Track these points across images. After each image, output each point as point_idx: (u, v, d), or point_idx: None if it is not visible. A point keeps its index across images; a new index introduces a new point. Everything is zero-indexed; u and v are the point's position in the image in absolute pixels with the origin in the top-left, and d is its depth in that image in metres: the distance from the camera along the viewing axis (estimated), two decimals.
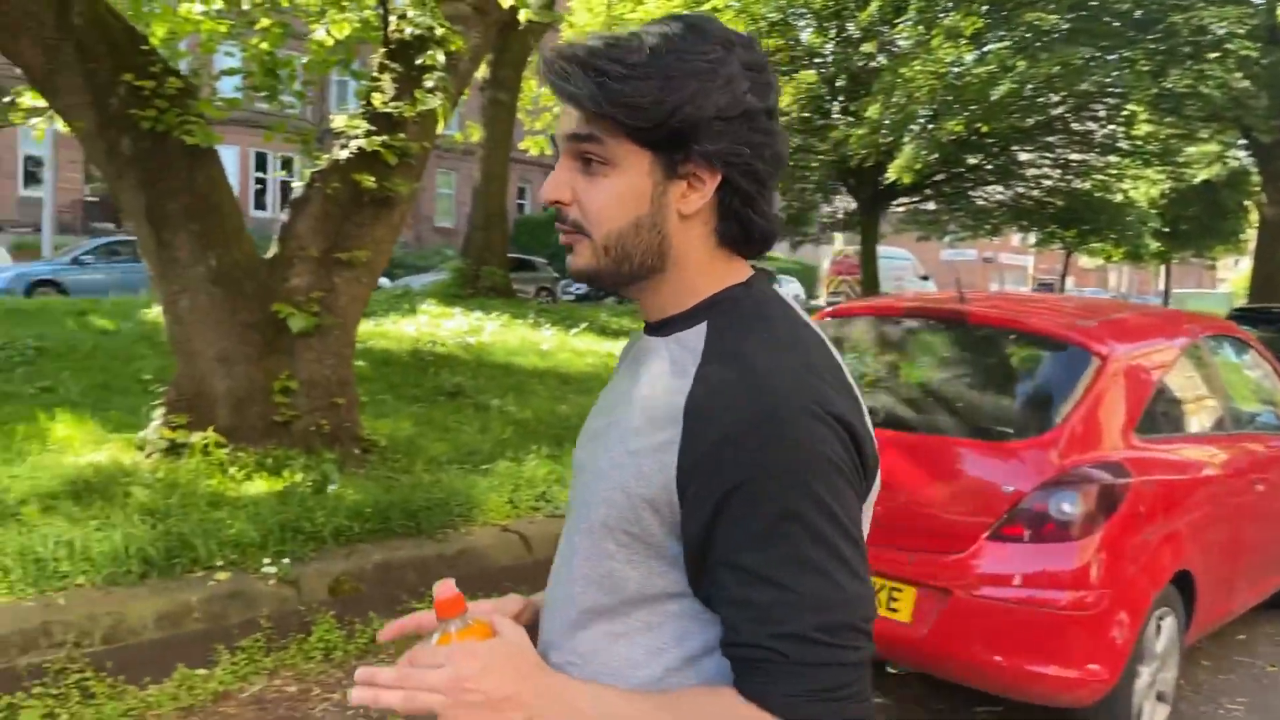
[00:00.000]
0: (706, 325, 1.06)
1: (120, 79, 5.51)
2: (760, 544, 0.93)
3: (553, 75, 1.02)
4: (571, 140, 1.04)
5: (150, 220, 5.65)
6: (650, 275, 1.08)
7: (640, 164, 1.03)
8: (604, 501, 1.03)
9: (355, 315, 6.13)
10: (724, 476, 0.94)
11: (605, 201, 1.04)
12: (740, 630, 0.94)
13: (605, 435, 1.09)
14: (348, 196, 5.98)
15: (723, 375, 0.99)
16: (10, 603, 3.34)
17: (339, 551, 4.07)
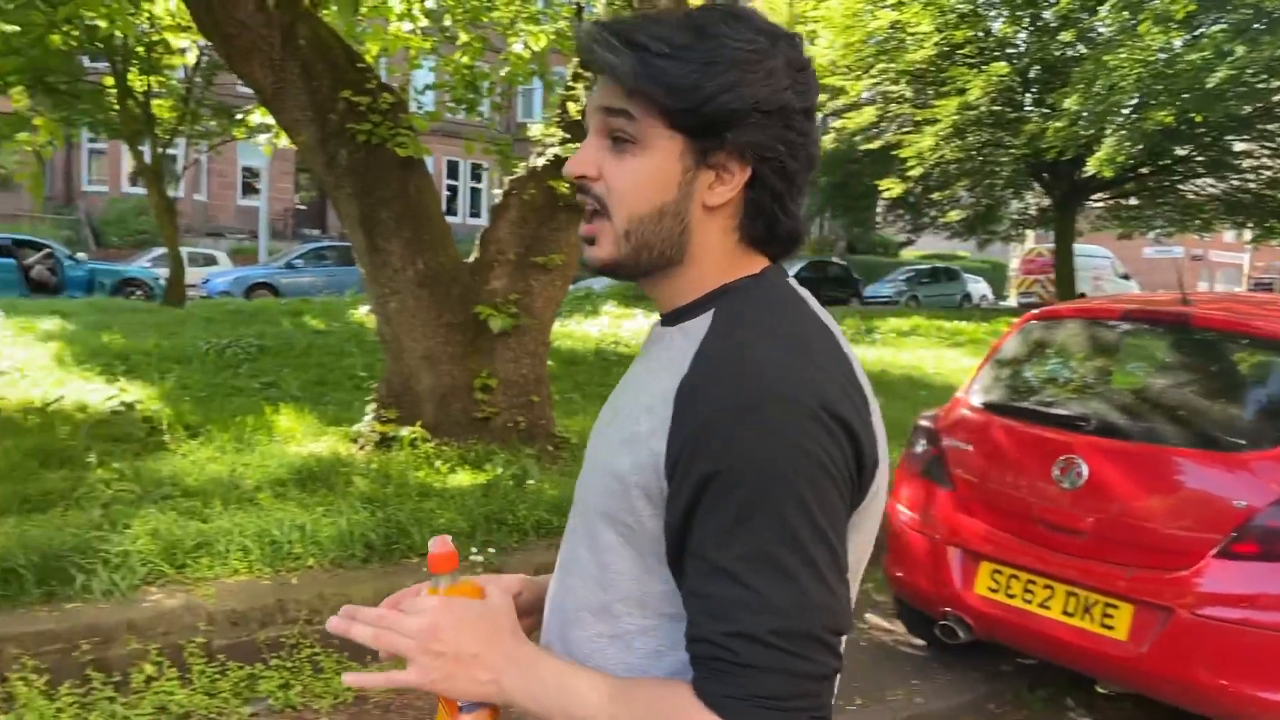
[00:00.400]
0: (713, 313, 1.03)
1: (339, 95, 5.89)
2: (727, 537, 0.89)
3: (594, 44, 0.98)
4: (604, 114, 1.01)
5: (364, 227, 6.02)
6: (667, 267, 1.05)
7: (671, 148, 1.00)
8: (604, 490, 1.02)
9: (550, 316, 6.34)
10: (704, 462, 0.91)
11: (633, 182, 1.00)
12: (697, 624, 0.91)
13: (609, 425, 1.07)
14: (543, 202, 6.19)
15: (716, 361, 0.97)
16: (249, 580, 3.64)
17: (540, 543, 4.23)
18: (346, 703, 3.39)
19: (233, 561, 3.67)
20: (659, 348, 1.06)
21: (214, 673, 3.29)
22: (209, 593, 3.48)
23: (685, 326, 1.04)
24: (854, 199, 29.34)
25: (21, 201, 28.66)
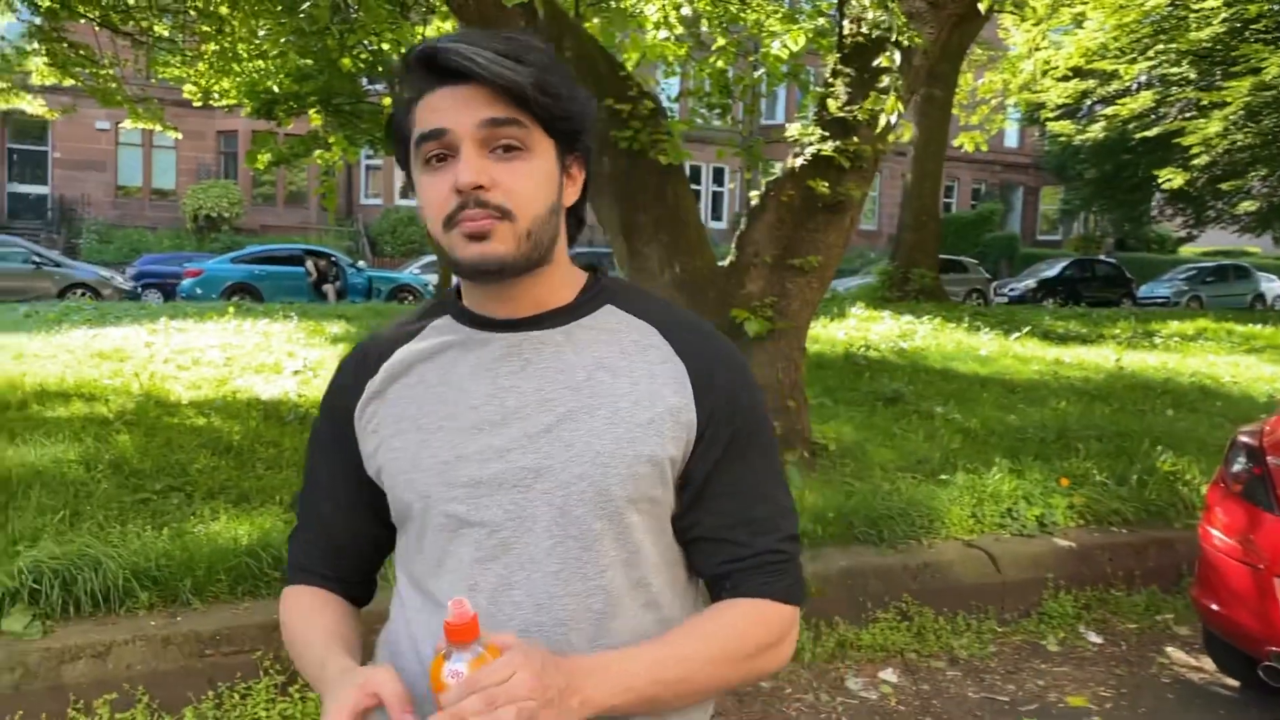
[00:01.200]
0: (612, 306, 1.16)
1: (601, 104, 6.02)
2: (757, 474, 1.13)
3: (486, 61, 1.03)
4: (489, 125, 1.05)
5: (624, 233, 6.12)
6: (540, 265, 1.10)
7: (550, 152, 1.09)
8: (626, 478, 1.07)
9: (806, 320, 6.22)
10: (732, 420, 1.12)
11: (533, 184, 1.07)
12: (752, 544, 1.11)
13: (575, 425, 1.08)
14: (801, 203, 6.07)
15: (700, 345, 1.15)
16: None
17: (805, 553, 4.11)
18: None
19: None
20: (578, 345, 1.12)
21: None
22: None
23: (591, 322, 1.14)
24: (1126, 192, 27.19)
25: (309, 215, 31.63)
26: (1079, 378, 9.93)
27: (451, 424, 1.10)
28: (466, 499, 1.08)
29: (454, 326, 1.17)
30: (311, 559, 1.22)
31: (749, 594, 1.11)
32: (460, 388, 1.12)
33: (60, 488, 4.42)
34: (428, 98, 1.07)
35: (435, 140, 1.06)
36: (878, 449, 6.19)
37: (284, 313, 13.15)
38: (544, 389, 1.10)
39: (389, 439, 1.13)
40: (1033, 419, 7.18)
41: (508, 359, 1.12)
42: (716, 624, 1.09)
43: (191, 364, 9.14)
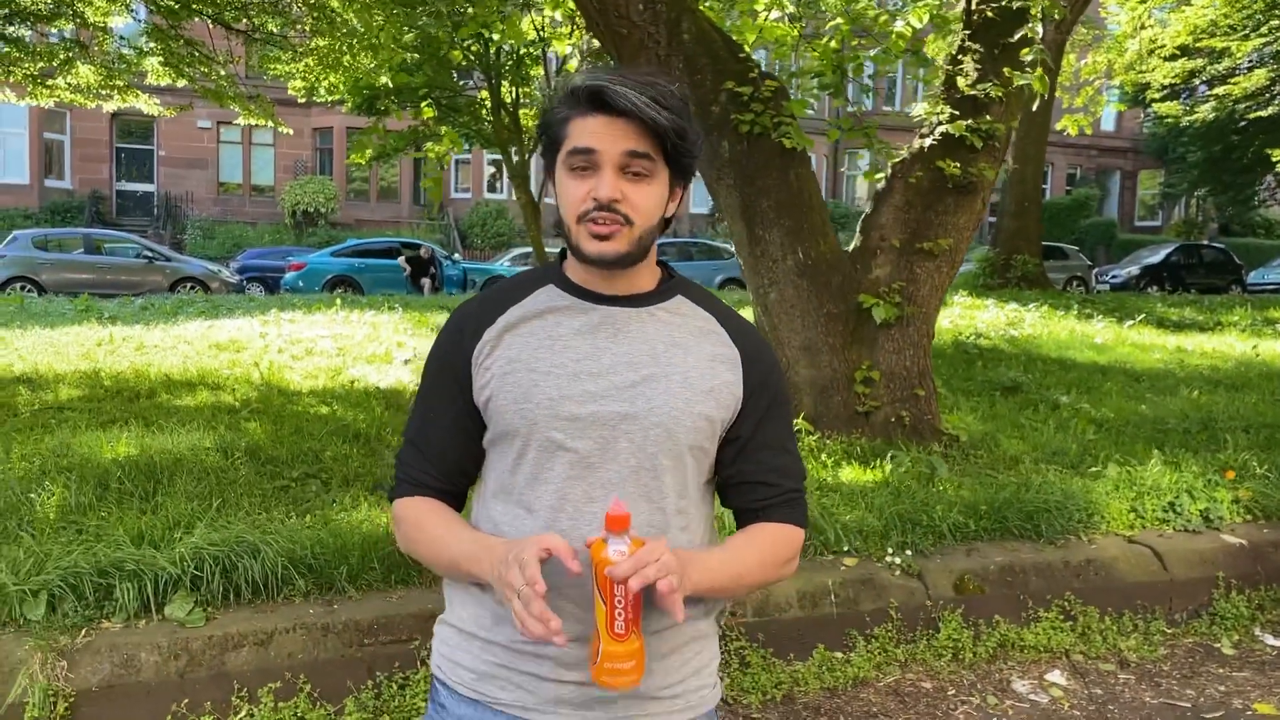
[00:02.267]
0: (682, 297, 1.47)
1: (721, 87, 5.89)
2: (785, 431, 1.48)
3: (640, 103, 1.29)
4: (627, 155, 1.32)
5: (744, 217, 5.98)
6: (639, 260, 1.40)
7: (665, 178, 1.37)
8: (690, 430, 1.38)
9: (935, 306, 6.00)
10: (768, 393, 1.45)
11: (653, 203, 1.36)
12: (781, 484, 1.45)
13: (655, 384, 1.38)
14: (929, 185, 5.86)
15: (746, 332, 1.48)
16: None
17: (958, 548, 3.94)
18: (776, 700, 3.30)
19: None
20: (656, 324, 1.43)
21: None
22: None
23: (669, 307, 1.45)
24: (1235, 174, 26.03)
25: (401, 209, 32.12)
26: (1206, 366, 9.49)
27: (558, 370, 1.38)
28: (566, 429, 1.36)
29: (560, 294, 1.44)
30: (425, 474, 1.47)
31: (778, 521, 1.45)
32: (565, 343, 1.40)
33: (202, 475, 4.47)
34: (585, 119, 1.34)
35: (584, 155, 1.34)
36: (1008, 440, 5.95)
37: (388, 305, 13.32)
38: (631, 354, 1.40)
39: (501, 375, 1.39)
40: (1169, 409, 6.85)
41: (604, 326, 1.41)
42: (760, 538, 1.44)
43: (305, 354, 9.28)
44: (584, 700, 1.34)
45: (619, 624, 1.21)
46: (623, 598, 1.20)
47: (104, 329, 10.48)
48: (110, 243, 18.72)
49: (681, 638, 1.40)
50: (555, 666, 1.34)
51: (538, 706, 1.36)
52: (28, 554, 3.16)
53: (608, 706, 1.35)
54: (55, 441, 5.09)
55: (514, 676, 1.37)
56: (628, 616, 1.21)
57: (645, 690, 1.33)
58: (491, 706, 1.38)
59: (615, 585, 1.19)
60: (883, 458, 5.17)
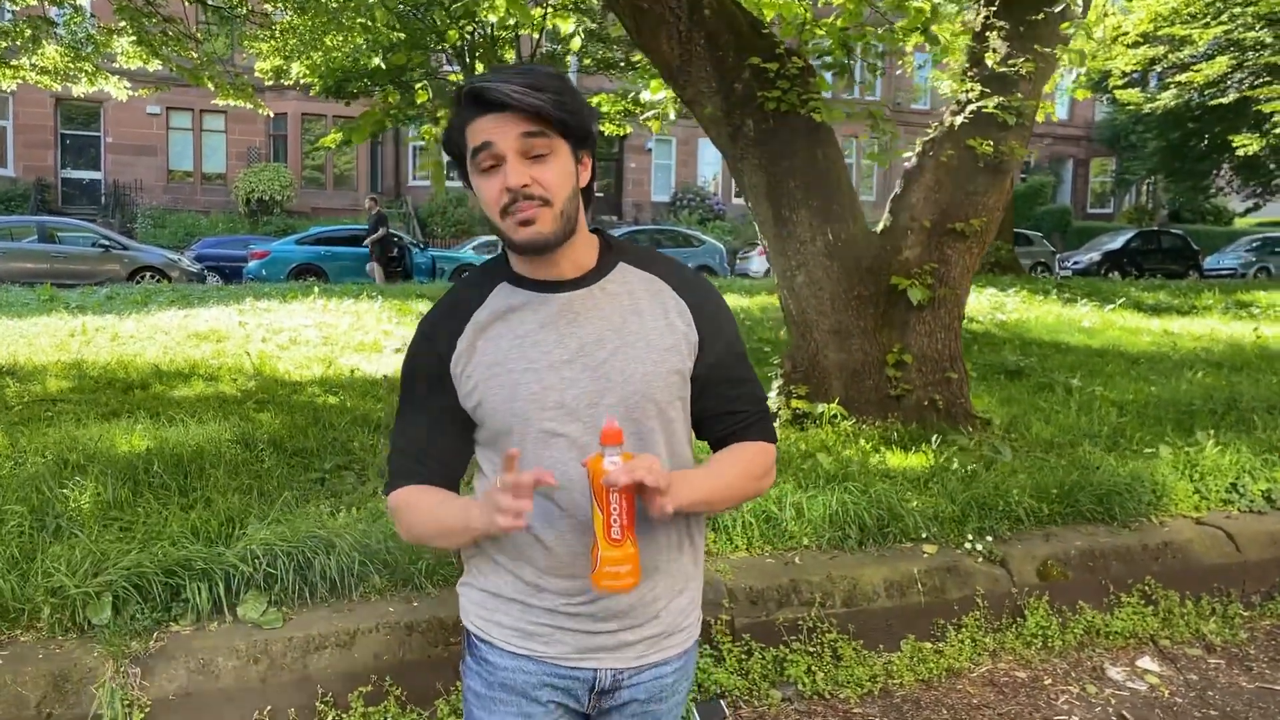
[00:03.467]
0: (623, 264, 1.55)
1: (745, 64, 5.74)
2: (743, 364, 1.61)
3: (515, 93, 1.39)
4: (523, 138, 1.41)
5: (770, 198, 5.84)
6: (571, 236, 1.46)
7: (566, 150, 1.44)
8: (665, 387, 1.50)
9: (965, 287, 5.91)
10: (720, 332, 1.56)
11: (560, 175, 1.43)
12: (747, 409, 1.59)
13: (622, 355, 1.48)
14: (960, 164, 5.76)
15: (692, 284, 1.57)
16: (752, 558, 3.51)
17: (1035, 533, 3.84)
18: (873, 694, 3.17)
19: (735, 537, 3.56)
20: (613, 300, 1.52)
21: (741, 652, 3.17)
22: (721, 569, 3.37)
23: (615, 278, 1.53)
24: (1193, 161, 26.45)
25: (358, 197, 31.48)
26: (1199, 348, 9.56)
27: (535, 366, 1.47)
28: (556, 417, 1.47)
29: (515, 292, 1.52)
30: (414, 471, 1.55)
31: (751, 439, 1.59)
32: (533, 338, 1.49)
33: (231, 467, 4.23)
34: (476, 121, 1.43)
35: (486, 151, 1.42)
36: (1036, 424, 5.89)
37: (368, 293, 13.00)
38: (594, 332, 1.49)
39: (485, 380, 1.49)
40: (1190, 391, 6.84)
41: (564, 313, 1.50)
42: (740, 455, 1.58)
43: (290, 343, 8.99)
44: (617, 645, 1.53)
45: (615, 529, 1.34)
46: (618, 504, 1.33)
47: (74, 319, 10.07)
48: (65, 231, 18.04)
49: (682, 577, 1.59)
50: (592, 621, 1.52)
51: (578, 656, 1.53)
52: (83, 553, 2.92)
53: (635, 647, 1.55)
54: (59, 434, 4.81)
55: (555, 634, 1.52)
56: (623, 523, 1.34)
57: (664, 629, 1.56)
58: (535, 659, 1.54)
59: (610, 494, 1.32)
60: (924, 442, 5.07)
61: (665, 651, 1.58)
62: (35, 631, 2.73)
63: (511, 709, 1.55)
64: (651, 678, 1.58)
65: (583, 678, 1.54)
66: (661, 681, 1.59)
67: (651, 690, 1.59)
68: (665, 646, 1.57)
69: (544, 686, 1.55)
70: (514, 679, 1.55)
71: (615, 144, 34.12)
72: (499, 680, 1.56)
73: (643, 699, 1.58)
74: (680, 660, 1.61)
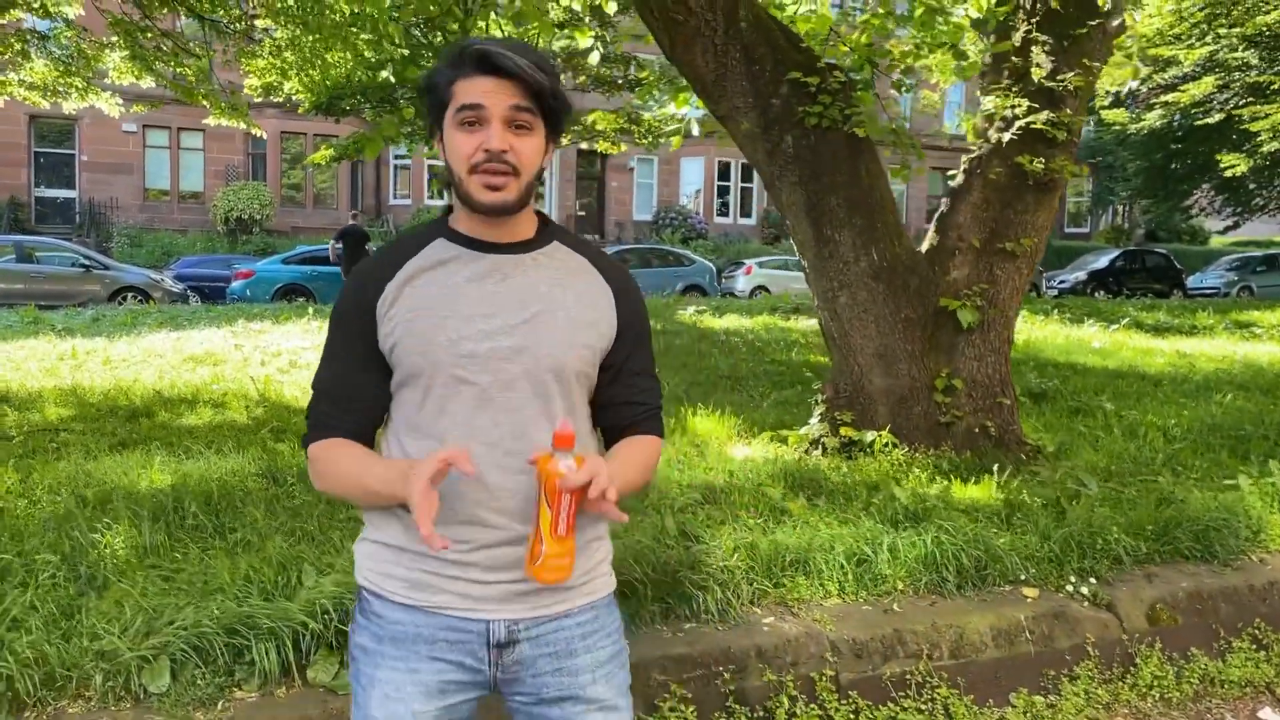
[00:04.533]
0: (558, 243, 1.63)
1: (783, 78, 5.53)
2: (650, 359, 1.69)
3: (526, 66, 1.46)
4: (513, 109, 1.48)
5: (810, 216, 5.62)
6: (524, 207, 1.56)
7: (542, 133, 1.53)
8: (577, 358, 1.56)
9: (1015, 309, 5.71)
10: (637, 324, 1.65)
11: (534, 151, 1.52)
12: (648, 403, 1.67)
13: (541, 321, 1.54)
14: (1008, 181, 5.58)
15: (616, 274, 1.65)
16: (847, 605, 3.26)
17: (1136, 573, 3.61)
18: None
19: (826, 582, 3.30)
20: (541, 268, 1.58)
21: (848, 711, 2.91)
22: (819, 618, 3.11)
23: (548, 252, 1.60)
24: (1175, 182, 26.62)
25: (338, 215, 31.05)
26: (1218, 370, 9.44)
27: (454, 314, 1.50)
28: (466, 365, 1.49)
29: (450, 247, 1.56)
30: (335, 419, 1.57)
31: (648, 433, 1.66)
32: (460, 290, 1.52)
33: (266, 505, 3.93)
34: (472, 80, 1.47)
35: (473, 110, 1.47)
36: (1086, 451, 5.69)
37: None
38: (519, 295, 1.53)
39: (405, 323, 1.51)
40: (1219, 416, 6.68)
41: (493, 272, 1.54)
42: (641, 447, 1.63)
43: (290, 367, 8.67)
44: (507, 596, 1.52)
45: (561, 527, 1.40)
46: (568, 505, 1.39)
47: (62, 342, 9.69)
48: (44, 250, 17.55)
49: (585, 536, 1.57)
50: (481, 570, 1.51)
51: (468, 606, 1.52)
52: (133, 610, 2.62)
53: (528, 598, 1.54)
54: (70, 468, 4.50)
55: (443, 582, 1.52)
56: (569, 521, 1.40)
57: (565, 582, 1.51)
58: (426, 610, 1.52)
59: (562, 493, 1.38)
60: (983, 472, 4.85)
61: (563, 605, 1.56)
62: (85, 701, 2.42)
63: (399, 663, 1.53)
64: (552, 630, 1.56)
65: (475, 630, 1.52)
66: (565, 635, 1.56)
67: (557, 645, 1.56)
68: (563, 600, 1.56)
69: (436, 641, 1.53)
70: (404, 632, 1.53)
71: (598, 163, 33.97)
72: (388, 634, 1.54)
73: (550, 654, 1.55)
74: (585, 614, 1.59)
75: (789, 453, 5.64)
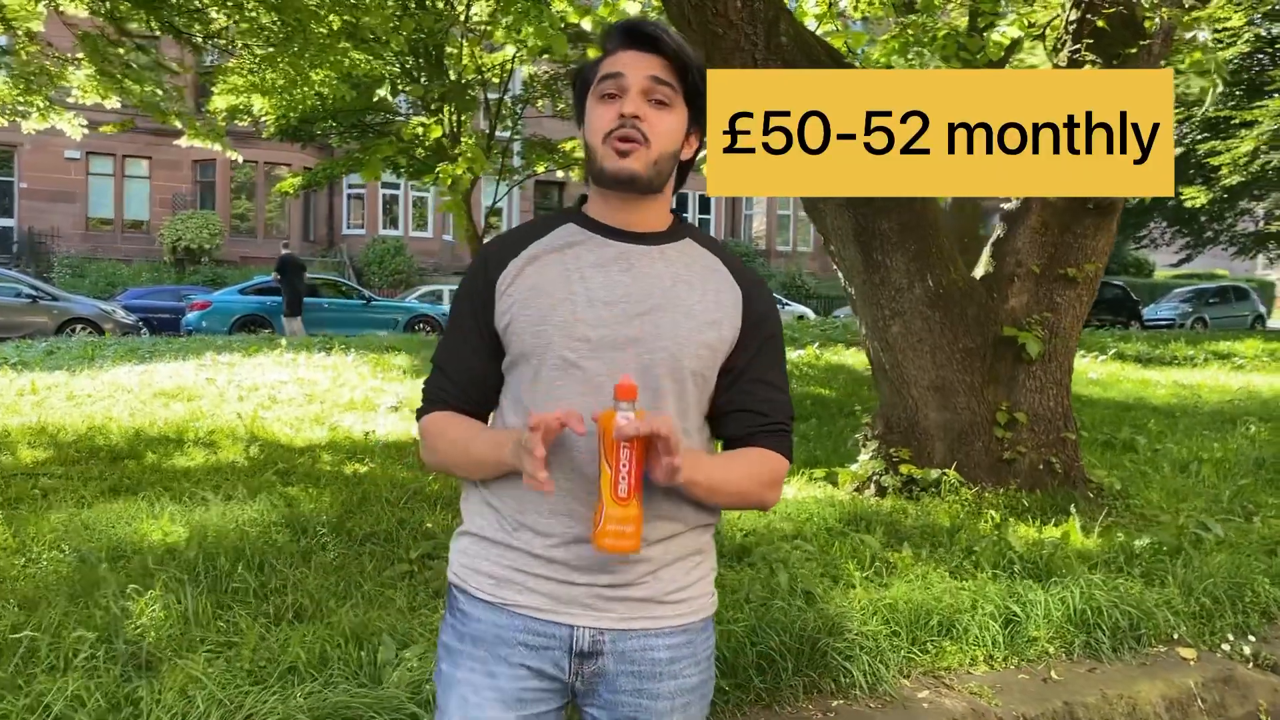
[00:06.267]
0: (690, 239, 1.54)
1: None
2: (779, 372, 1.55)
3: (669, 39, 1.44)
4: (652, 80, 1.44)
5: (859, 240, 5.29)
6: (655, 193, 1.48)
7: (683, 115, 1.48)
8: (694, 356, 1.45)
9: (1075, 338, 5.43)
10: (764, 329, 1.52)
11: (669, 128, 1.45)
12: (771, 415, 1.50)
13: (662, 314, 1.45)
14: (1066, 205, 5.31)
15: (747, 276, 1.55)
16: (1003, 673, 2.87)
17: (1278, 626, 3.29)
18: None
19: (972, 646, 2.91)
20: (667, 261, 1.49)
21: None
22: (977, 690, 2.72)
23: (679, 247, 1.52)
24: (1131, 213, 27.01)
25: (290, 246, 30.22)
26: (1224, 401, 9.31)
27: (573, 298, 1.45)
28: (578, 349, 1.43)
29: (578, 231, 1.51)
30: (449, 394, 1.53)
31: (771, 447, 1.51)
32: (582, 273, 1.47)
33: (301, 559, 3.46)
34: (616, 55, 1.46)
35: (613, 80, 1.45)
36: (1149, 489, 5.42)
37: (339, 345, 12.09)
38: (642, 286, 1.47)
39: (522, 300, 1.46)
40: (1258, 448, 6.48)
41: (619, 260, 1.48)
42: (749, 454, 1.50)
43: (271, 402, 8.12)
44: (594, 600, 1.41)
45: (622, 488, 1.29)
46: (627, 461, 1.28)
47: (20, 376, 9.01)
48: None
49: (685, 549, 1.47)
50: (568, 570, 1.41)
51: (552, 608, 1.42)
52: (206, 701, 2.14)
53: (617, 606, 1.42)
54: (64, 519, 3.97)
55: (530, 580, 1.42)
56: (630, 482, 1.28)
57: (655, 594, 1.43)
58: (510, 609, 1.43)
59: (620, 448, 1.28)
60: (1060, 513, 4.54)
61: (655, 621, 1.45)
62: None
63: (478, 665, 1.45)
64: (639, 648, 1.44)
65: (559, 635, 1.42)
66: (651, 655, 1.44)
67: (642, 665, 1.44)
68: (656, 616, 1.45)
69: (517, 645, 1.43)
70: (486, 631, 1.45)
71: (556, 193, 33.67)
72: (470, 632, 1.46)
73: (632, 672, 1.44)
74: (677, 637, 1.46)
75: (839, 492, 5.27)
